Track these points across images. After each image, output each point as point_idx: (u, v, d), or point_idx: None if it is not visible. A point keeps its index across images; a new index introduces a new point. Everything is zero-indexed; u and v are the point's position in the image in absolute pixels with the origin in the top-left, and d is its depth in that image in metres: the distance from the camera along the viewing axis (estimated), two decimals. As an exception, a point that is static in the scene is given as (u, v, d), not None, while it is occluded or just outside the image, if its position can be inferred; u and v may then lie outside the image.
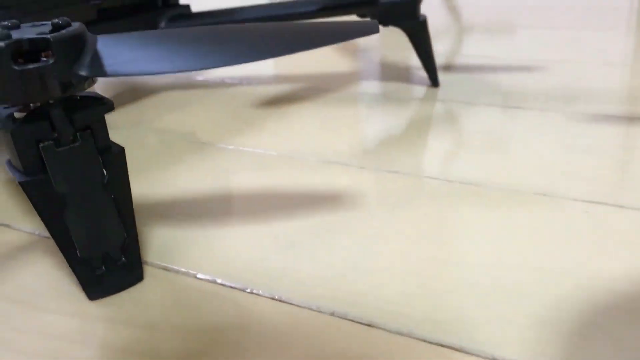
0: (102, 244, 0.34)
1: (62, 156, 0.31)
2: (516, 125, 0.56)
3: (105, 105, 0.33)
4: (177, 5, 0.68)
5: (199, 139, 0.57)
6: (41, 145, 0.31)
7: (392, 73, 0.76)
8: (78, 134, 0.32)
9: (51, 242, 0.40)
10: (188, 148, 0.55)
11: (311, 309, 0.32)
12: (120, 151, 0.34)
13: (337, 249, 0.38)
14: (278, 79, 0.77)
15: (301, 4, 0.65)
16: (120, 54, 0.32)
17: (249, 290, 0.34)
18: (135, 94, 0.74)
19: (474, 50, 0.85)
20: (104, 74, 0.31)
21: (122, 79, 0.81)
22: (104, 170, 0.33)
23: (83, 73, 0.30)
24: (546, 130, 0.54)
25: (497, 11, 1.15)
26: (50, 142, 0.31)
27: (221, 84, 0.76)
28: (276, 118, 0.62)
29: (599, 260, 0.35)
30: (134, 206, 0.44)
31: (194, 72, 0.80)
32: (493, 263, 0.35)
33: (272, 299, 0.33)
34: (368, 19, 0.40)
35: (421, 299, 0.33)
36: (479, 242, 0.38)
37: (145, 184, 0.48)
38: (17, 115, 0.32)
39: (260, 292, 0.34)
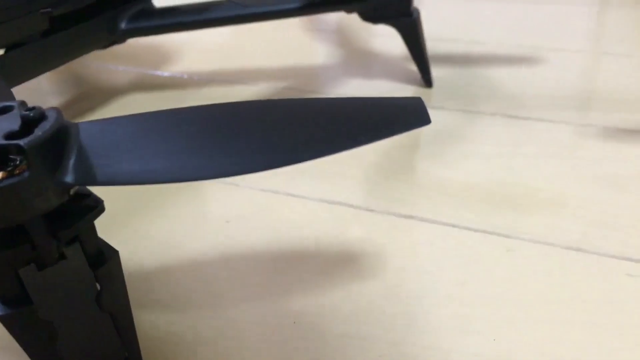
0: (99, 369, 0.28)
1: (46, 278, 0.25)
2: (528, 146, 0.51)
3: (95, 209, 0.27)
4: (137, 0, 0.60)
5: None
6: (21, 270, 0.25)
7: (374, 65, 0.70)
8: (64, 249, 0.26)
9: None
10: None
11: None
12: (114, 256, 0.28)
13: None
14: (250, 73, 0.70)
15: (284, 0, 0.58)
16: (111, 150, 0.25)
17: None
18: (101, 94, 0.66)
19: (455, 33, 0.79)
20: (93, 181, 0.24)
21: (79, 74, 0.73)
22: (97, 283, 0.27)
23: (68, 181, 0.24)
24: (561, 154, 0.50)
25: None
26: (32, 264, 0.25)
27: (190, 81, 0.68)
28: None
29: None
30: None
31: (158, 70, 0.72)
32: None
33: None
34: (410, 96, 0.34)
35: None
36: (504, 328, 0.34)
37: (131, 242, 0.42)
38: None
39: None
